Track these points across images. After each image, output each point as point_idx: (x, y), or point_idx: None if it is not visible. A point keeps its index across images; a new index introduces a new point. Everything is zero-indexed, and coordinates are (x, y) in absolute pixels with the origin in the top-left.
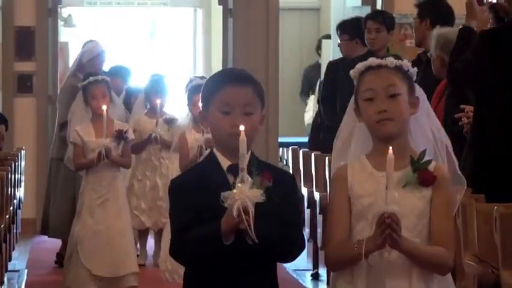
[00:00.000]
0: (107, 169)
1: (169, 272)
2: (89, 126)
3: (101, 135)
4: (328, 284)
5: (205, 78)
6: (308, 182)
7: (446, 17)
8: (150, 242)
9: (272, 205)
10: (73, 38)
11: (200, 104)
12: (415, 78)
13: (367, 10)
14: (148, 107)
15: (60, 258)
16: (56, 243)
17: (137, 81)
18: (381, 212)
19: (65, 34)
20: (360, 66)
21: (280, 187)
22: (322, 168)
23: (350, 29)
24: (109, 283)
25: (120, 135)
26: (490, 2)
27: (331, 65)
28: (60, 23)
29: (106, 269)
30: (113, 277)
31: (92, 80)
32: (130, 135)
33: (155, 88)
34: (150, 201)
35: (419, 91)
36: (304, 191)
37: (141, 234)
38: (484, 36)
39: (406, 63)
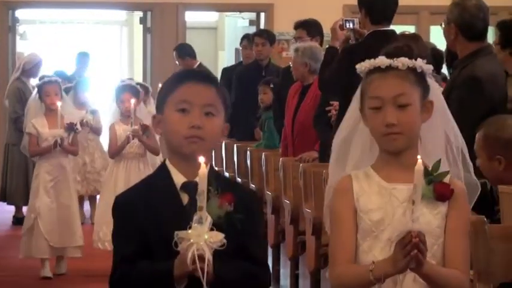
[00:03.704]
0: (58, 156)
1: (101, 242)
2: (43, 119)
3: (54, 127)
4: None
5: (133, 80)
6: (230, 168)
7: (319, 31)
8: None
9: (233, 236)
10: (27, 49)
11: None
12: (430, 73)
13: (253, 29)
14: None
15: (15, 219)
16: (12, 207)
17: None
18: (404, 230)
19: (20, 46)
20: (367, 64)
21: (242, 210)
22: (243, 156)
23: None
24: (59, 252)
25: (70, 127)
26: (349, 28)
27: (226, 70)
28: (18, 37)
29: (58, 240)
30: (63, 247)
31: (46, 80)
32: (79, 128)
33: (81, 86)
34: (82, 175)
35: (435, 91)
36: (227, 174)
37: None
38: (345, 50)
39: (419, 63)
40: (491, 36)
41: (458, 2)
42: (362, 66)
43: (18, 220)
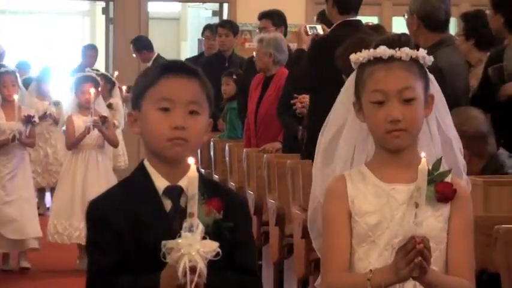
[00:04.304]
0: (16, 149)
1: (58, 235)
2: (0, 111)
3: (11, 119)
4: None
5: (97, 71)
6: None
7: (283, 22)
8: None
9: (222, 245)
10: None
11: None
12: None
13: (216, 20)
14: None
15: None
16: None
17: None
18: (407, 235)
19: None
20: (365, 54)
21: (231, 217)
22: (207, 147)
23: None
24: (16, 244)
25: (28, 120)
26: (313, 33)
27: (188, 61)
28: None
29: (14, 232)
30: (19, 239)
31: (2, 70)
32: (37, 120)
33: (44, 76)
34: (44, 166)
35: (434, 84)
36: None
37: (39, 192)
38: (315, 42)
39: (422, 53)
40: (452, 27)
41: None
42: (360, 57)
43: None
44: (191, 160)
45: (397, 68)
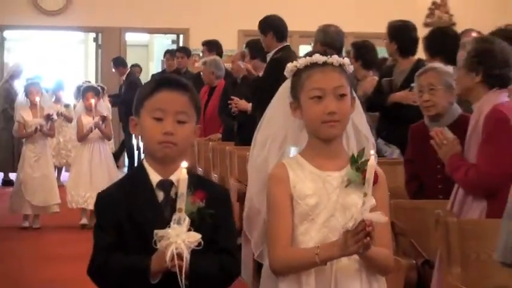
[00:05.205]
0: (39, 138)
1: (69, 202)
2: (28, 111)
3: (36, 117)
4: None
5: (90, 82)
6: None
7: (218, 48)
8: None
9: (205, 229)
10: (11, 60)
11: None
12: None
13: (174, 46)
14: (54, 98)
15: (3, 181)
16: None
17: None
18: (358, 218)
19: (6, 58)
20: (303, 61)
21: (214, 207)
22: None
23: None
24: (41, 209)
25: (48, 117)
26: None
27: (153, 76)
28: (5, 51)
29: (39, 200)
30: (43, 205)
31: (30, 82)
32: (55, 117)
33: (58, 87)
34: (57, 151)
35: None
36: None
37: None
38: (273, 62)
39: (347, 61)
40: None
41: (322, 28)
42: (298, 64)
43: (5, 182)
44: (184, 164)
45: (331, 71)
